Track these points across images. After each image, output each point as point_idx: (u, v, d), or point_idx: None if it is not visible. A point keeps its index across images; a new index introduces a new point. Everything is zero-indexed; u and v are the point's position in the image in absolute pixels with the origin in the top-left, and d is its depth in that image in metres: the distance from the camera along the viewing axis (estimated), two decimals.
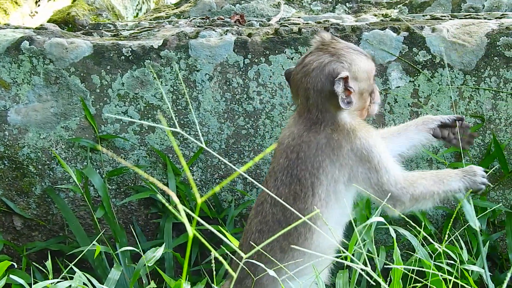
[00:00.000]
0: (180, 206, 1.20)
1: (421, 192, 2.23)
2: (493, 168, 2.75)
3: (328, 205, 2.20)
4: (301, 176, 2.19)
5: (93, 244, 2.53)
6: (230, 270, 1.57)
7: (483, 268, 2.60)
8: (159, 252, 2.56)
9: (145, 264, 2.70)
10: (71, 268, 2.48)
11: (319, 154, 2.18)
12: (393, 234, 2.30)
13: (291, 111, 2.70)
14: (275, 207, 2.23)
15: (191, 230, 1.21)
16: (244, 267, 2.13)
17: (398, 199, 2.22)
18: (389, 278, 2.45)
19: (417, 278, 2.26)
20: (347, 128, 2.16)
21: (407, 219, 2.43)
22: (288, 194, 2.21)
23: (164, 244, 2.80)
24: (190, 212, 1.36)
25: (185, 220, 1.14)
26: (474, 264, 2.62)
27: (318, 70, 2.12)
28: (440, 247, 2.27)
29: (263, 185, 2.32)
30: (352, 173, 2.19)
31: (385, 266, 2.65)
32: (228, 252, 2.27)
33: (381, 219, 2.25)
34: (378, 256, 2.76)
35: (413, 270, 2.37)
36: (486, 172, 2.32)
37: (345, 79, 2.08)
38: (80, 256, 2.47)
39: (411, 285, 2.43)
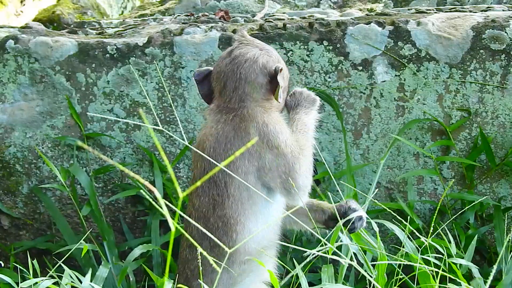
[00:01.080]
0: (162, 201, 1.18)
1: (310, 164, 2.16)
2: (480, 162, 2.75)
3: (243, 205, 2.08)
4: (216, 178, 2.07)
5: (80, 243, 2.50)
6: (214, 265, 1.56)
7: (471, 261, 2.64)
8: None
9: (133, 261, 2.74)
10: (60, 266, 2.43)
11: (228, 148, 2.07)
12: (376, 229, 2.29)
13: None
14: (199, 220, 2.12)
15: (173, 224, 1.20)
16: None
17: (305, 186, 2.12)
18: (375, 272, 2.46)
19: (402, 273, 2.27)
20: (256, 113, 2.08)
21: (393, 213, 2.45)
22: (208, 203, 2.10)
23: (152, 241, 2.80)
24: (173, 207, 1.35)
25: (167, 215, 1.12)
26: (463, 258, 2.56)
27: (251, 62, 2.11)
28: (426, 241, 2.26)
29: (189, 195, 2.21)
30: (262, 162, 2.06)
31: (372, 263, 2.64)
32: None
33: (363, 213, 2.26)
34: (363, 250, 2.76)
35: (400, 264, 2.40)
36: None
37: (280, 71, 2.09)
38: (67, 254, 2.43)
39: (398, 278, 2.40)
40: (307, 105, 2.24)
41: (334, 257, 2.12)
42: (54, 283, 2.31)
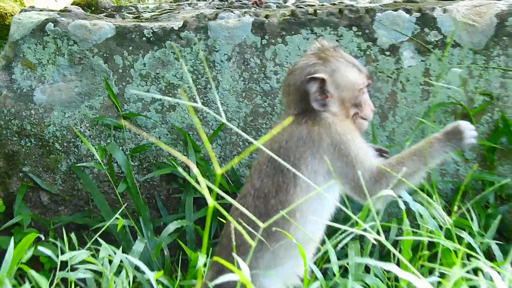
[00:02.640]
0: (201, 178, 1.26)
1: (398, 173, 2.20)
2: (502, 144, 2.87)
3: (308, 198, 2.20)
4: (284, 168, 2.20)
5: (116, 217, 2.63)
6: (249, 240, 1.67)
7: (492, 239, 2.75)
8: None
9: (167, 236, 2.86)
10: (96, 241, 2.56)
11: (300, 145, 2.20)
12: (403, 207, 2.38)
13: None
14: (258, 199, 2.24)
15: (210, 200, 1.30)
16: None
17: (373, 191, 2.20)
18: (398, 248, 2.51)
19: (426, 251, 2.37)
20: (329, 122, 2.19)
21: (419, 191, 2.56)
22: (271, 186, 2.22)
23: (186, 217, 2.94)
24: (210, 184, 1.46)
25: (205, 190, 1.19)
26: (483, 236, 2.67)
27: (300, 70, 2.21)
28: (449, 220, 2.34)
29: (247, 178, 2.35)
30: (332, 167, 2.20)
31: (396, 238, 2.75)
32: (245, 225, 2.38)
33: (391, 192, 2.39)
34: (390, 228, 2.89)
35: (423, 241, 2.48)
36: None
37: (322, 81, 2.16)
38: (103, 228, 2.55)
39: (422, 254, 2.50)
40: (447, 138, 2.23)
41: (362, 232, 2.26)
42: (91, 256, 2.43)
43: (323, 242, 2.48)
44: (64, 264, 2.41)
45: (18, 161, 2.95)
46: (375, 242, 2.37)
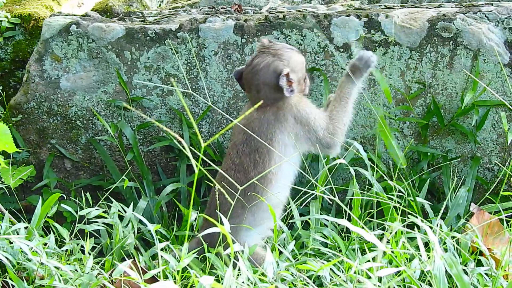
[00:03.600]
0: (188, 149, 1.58)
1: (344, 124, 2.69)
2: (433, 122, 3.28)
3: (281, 167, 2.55)
4: (259, 147, 2.54)
5: (124, 178, 2.90)
6: (230, 200, 2.10)
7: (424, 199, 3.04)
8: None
9: (165, 195, 3.15)
10: (109, 199, 2.86)
11: (270, 127, 2.55)
12: (353, 172, 2.78)
13: None
14: (239, 172, 2.55)
15: (195, 165, 1.56)
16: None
17: (334, 144, 2.67)
18: (348, 207, 2.84)
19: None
20: (290, 103, 2.58)
21: (366, 161, 2.88)
22: (249, 162, 2.54)
23: (180, 180, 3.27)
24: (198, 152, 1.88)
25: (192, 159, 1.45)
26: (418, 196, 3.00)
27: (266, 69, 2.54)
28: (392, 183, 2.76)
29: (226, 156, 2.67)
30: (297, 136, 2.58)
31: (349, 197, 2.97)
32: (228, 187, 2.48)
33: (343, 161, 2.70)
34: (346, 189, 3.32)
35: (370, 201, 2.81)
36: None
37: (287, 74, 2.51)
38: (112, 187, 2.88)
39: (367, 212, 2.87)
40: (357, 74, 2.71)
41: (321, 194, 2.74)
42: (104, 212, 2.67)
43: (288, 202, 2.79)
44: (82, 218, 2.69)
45: (47, 135, 3.36)
46: (330, 201, 2.76)
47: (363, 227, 1.97)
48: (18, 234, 2.34)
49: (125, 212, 2.73)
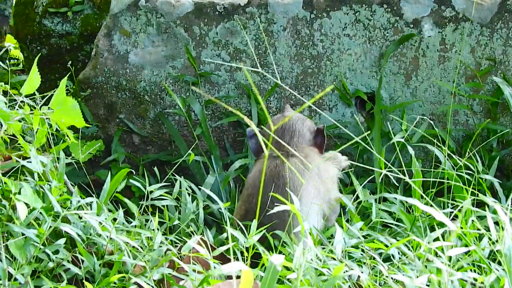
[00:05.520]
0: (254, 126, 1.45)
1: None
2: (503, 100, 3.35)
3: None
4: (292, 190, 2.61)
5: (190, 152, 2.95)
6: (300, 178, 2.17)
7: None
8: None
9: (234, 171, 3.27)
10: (176, 173, 2.95)
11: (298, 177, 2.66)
12: (411, 152, 2.89)
13: (347, 55, 3.43)
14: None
15: (262, 141, 1.42)
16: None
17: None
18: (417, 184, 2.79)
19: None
20: (310, 157, 2.76)
21: (432, 139, 3.02)
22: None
23: (248, 156, 3.39)
24: (266, 129, 1.88)
25: (258, 134, 1.35)
26: (487, 174, 3.04)
27: (300, 123, 2.90)
28: (461, 161, 2.81)
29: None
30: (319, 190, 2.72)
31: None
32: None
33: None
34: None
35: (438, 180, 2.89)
36: None
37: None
38: (179, 161, 2.99)
39: (436, 189, 2.90)
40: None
41: (386, 172, 2.79)
42: (172, 187, 2.75)
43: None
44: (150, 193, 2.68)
45: (115, 109, 3.49)
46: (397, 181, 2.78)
47: (432, 205, 1.94)
48: (89, 208, 2.37)
49: (193, 189, 2.86)
